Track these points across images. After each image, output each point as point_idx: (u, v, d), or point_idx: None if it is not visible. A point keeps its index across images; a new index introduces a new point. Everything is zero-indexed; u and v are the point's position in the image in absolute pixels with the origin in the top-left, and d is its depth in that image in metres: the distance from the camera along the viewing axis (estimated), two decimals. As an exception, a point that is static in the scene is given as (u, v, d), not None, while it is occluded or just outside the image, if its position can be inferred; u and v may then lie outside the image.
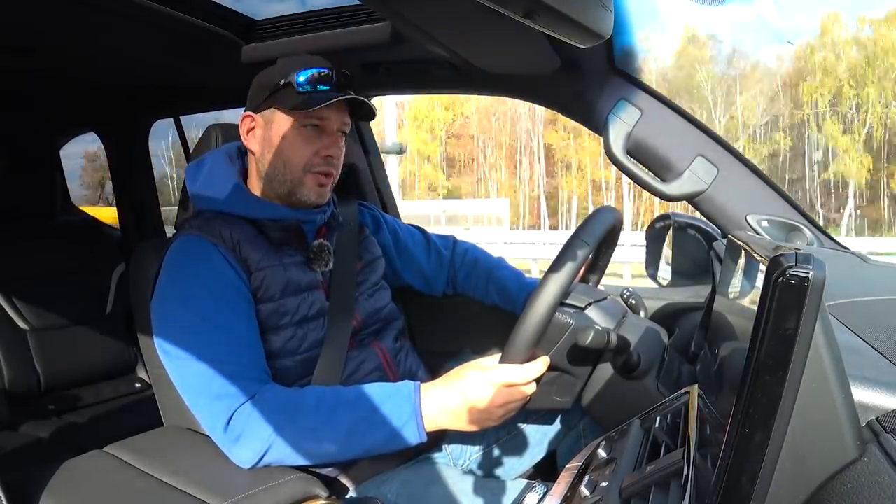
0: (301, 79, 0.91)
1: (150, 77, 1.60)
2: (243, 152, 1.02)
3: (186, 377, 0.83)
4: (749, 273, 0.51)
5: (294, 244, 0.95)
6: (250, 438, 0.79)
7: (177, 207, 1.06)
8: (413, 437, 0.79)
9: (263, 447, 0.79)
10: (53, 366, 1.69)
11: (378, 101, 1.35)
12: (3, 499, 0.71)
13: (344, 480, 0.91)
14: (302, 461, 0.81)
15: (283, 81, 0.92)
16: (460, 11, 0.77)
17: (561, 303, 0.82)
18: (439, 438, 1.04)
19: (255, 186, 0.98)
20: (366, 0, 0.86)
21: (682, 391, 0.66)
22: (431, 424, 0.80)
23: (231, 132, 1.05)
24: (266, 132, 0.94)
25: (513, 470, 1.08)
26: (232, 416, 0.79)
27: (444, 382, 0.81)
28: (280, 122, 0.93)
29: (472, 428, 0.79)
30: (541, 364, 0.79)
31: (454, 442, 1.06)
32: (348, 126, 0.97)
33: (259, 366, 0.85)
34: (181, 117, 1.94)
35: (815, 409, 0.37)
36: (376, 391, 0.82)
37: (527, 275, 1.21)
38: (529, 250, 12.46)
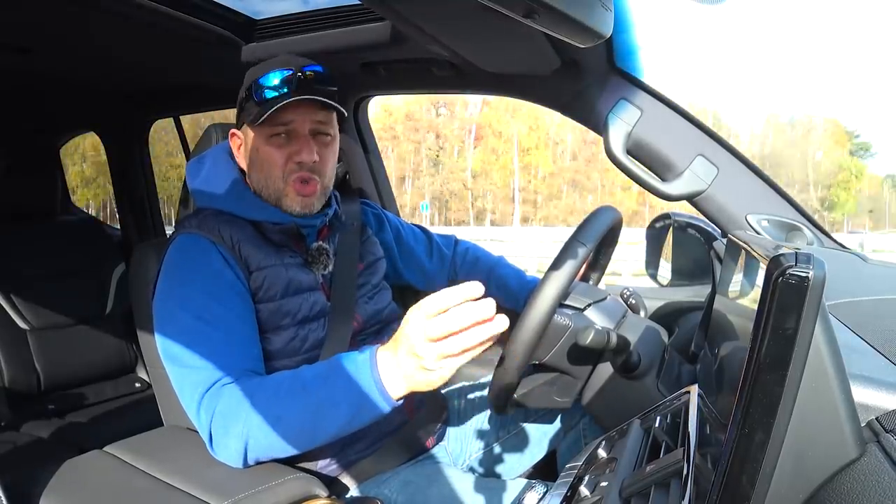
0: (260, 87, 0.88)
1: (150, 77, 1.60)
2: None
3: (180, 377, 0.82)
4: (749, 273, 0.51)
5: (294, 246, 0.94)
6: (227, 436, 0.77)
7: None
8: (382, 406, 0.73)
9: (241, 444, 0.76)
10: (53, 365, 1.69)
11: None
12: (3, 499, 0.71)
13: (344, 480, 0.91)
14: (286, 452, 0.77)
15: (245, 94, 0.91)
16: (460, 11, 0.76)
17: (561, 304, 0.82)
18: (439, 438, 1.04)
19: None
20: (366, 0, 0.85)
21: (682, 391, 0.66)
22: (394, 389, 0.72)
23: None
24: (246, 148, 0.94)
25: (513, 469, 1.08)
26: (212, 416, 0.78)
27: (392, 343, 0.73)
28: (252, 135, 0.91)
29: (433, 378, 0.69)
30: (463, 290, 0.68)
31: (454, 441, 1.06)
32: (325, 125, 0.91)
33: (252, 367, 0.83)
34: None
35: (815, 409, 0.37)
36: (333, 367, 0.76)
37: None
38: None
